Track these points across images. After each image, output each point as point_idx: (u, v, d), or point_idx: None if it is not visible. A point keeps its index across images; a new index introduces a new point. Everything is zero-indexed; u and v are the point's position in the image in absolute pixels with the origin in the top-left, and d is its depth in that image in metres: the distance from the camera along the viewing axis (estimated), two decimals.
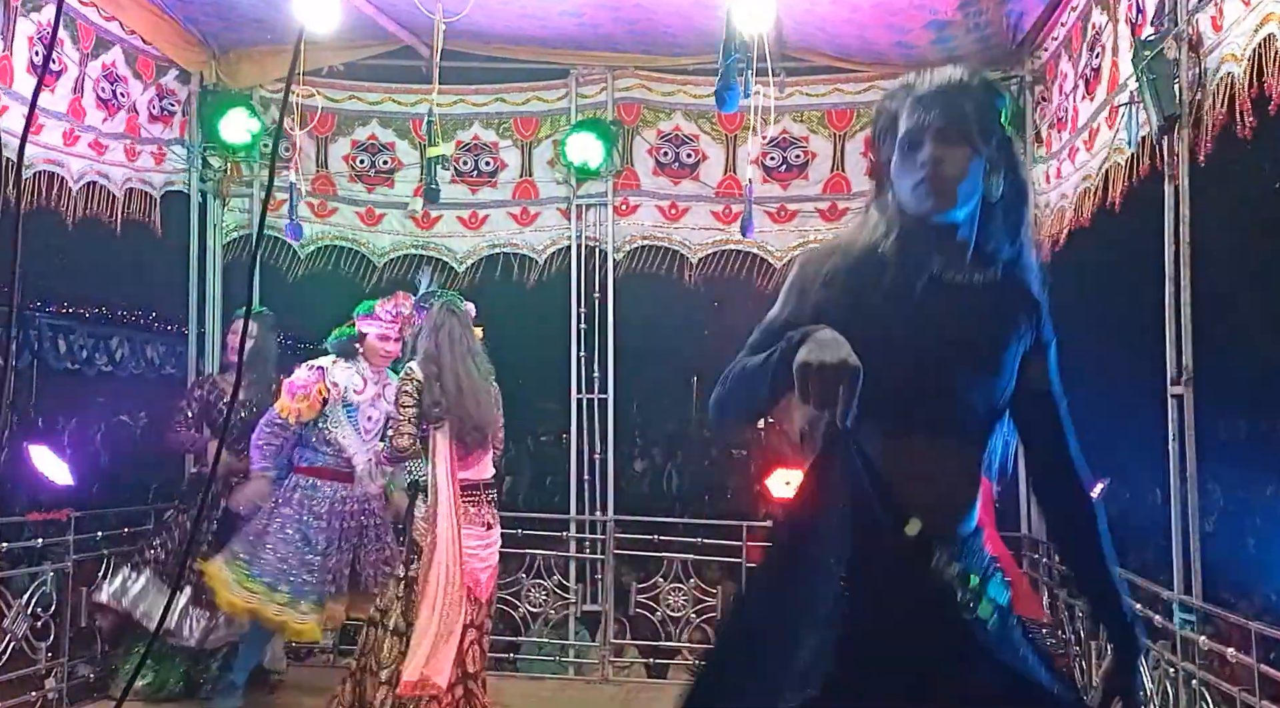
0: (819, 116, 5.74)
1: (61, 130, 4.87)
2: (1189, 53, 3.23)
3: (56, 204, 4.89)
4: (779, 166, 5.74)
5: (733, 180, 5.80)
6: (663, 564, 5.85)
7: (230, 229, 6.05)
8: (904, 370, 1.75)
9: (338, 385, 4.59)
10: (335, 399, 4.59)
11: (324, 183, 6.07)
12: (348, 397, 4.63)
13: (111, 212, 5.25)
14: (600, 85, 5.87)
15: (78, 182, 5.00)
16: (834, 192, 5.73)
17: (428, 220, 6.04)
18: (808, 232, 5.74)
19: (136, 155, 5.44)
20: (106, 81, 5.13)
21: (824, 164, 5.74)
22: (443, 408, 4.12)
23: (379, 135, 6.07)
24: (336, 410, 4.62)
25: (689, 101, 5.84)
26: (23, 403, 10.42)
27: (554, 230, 5.97)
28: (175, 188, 5.78)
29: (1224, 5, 3.03)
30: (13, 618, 4.51)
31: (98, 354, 13.05)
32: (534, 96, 6.00)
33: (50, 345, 12.28)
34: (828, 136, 5.73)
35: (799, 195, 5.77)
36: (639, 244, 5.89)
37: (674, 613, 5.78)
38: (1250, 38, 2.84)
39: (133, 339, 13.70)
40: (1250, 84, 2.85)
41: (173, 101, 5.67)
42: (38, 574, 4.75)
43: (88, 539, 4.96)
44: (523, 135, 5.99)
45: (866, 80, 5.64)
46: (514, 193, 6.02)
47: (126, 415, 13.20)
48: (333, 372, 4.61)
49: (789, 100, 5.55)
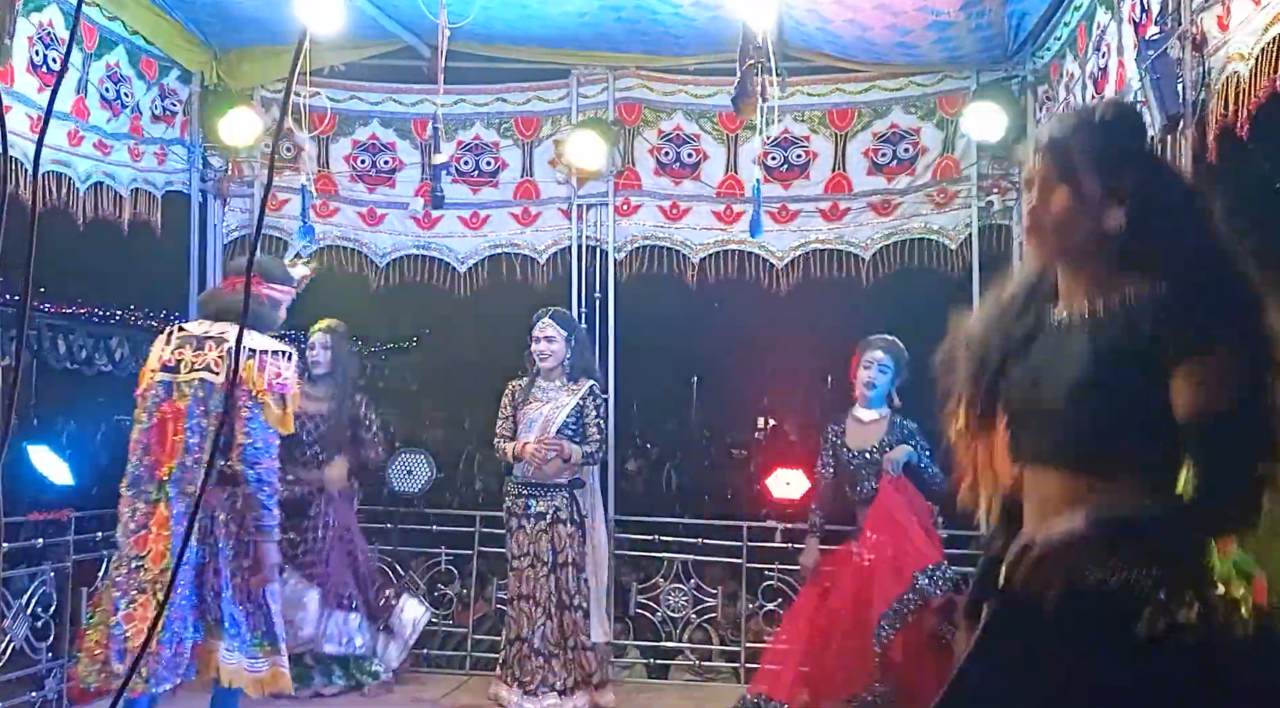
0: (820, 116, 5.73)
1: (66, 131, 4.86)
2: (1193, 52, 3.23)
3: (66, 205, 4.89)
4: (780, 166, 5.74)
5: (734, 180, 5.79)
6: (663, 564, 5.85)
7: (231, 229, 6.04)
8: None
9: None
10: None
11: (325, 183, 6.06)
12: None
13: (118, 212, 5.25)
14: (601, 85, 5.86)
15: (84, 182, 5.00)
16: (835, 191, 5.73)
17: (429, 221, 6.04)
18: (809, 232, 5.74)
19: (140, 156, 5.44)
20: (110, 82, 5.13)
21: (825, 164, 5.73)
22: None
23: (380, 135, 6.06)
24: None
25: (690, 101, 5.83)
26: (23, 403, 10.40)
27: (555, 230, 5.97)
28: (176, 188, 5.78)
29: (1231, 4, 3.03)
30: (13, 618, 4.51)
31: (98, 354, 13.04)
32: (535, 96, 5.99)
33: (50, 345, 12.27)
34: (829, 136, 5.72)
35: (800, 195, 5.76)
36: (640, 244, 5.89)
37: (674, 613, 5.77)
38: (1259, 37, 2.84)
39: (133, 339, 13.68)
40: (1256, 83, 2.84)
41: (174, 101, 5.66)
42: (38, 574, 4.75)
43: (88, 539, 4.96)
44: (524, 135, 5.99)
45: (868, 80, 5.65)
46: (515, 193, 6.01)
47: (127, 416, 13.19)
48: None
49: (790, 100, 5.54)
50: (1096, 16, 4.24)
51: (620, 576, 5.85)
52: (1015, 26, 5.10)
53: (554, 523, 4.93)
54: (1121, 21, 3.94)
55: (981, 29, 5.03)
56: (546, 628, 4.86)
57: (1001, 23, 5.01)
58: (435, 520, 6.19)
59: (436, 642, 6.00)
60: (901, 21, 4.95)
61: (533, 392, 5.04)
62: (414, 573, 5.97)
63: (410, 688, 5.35)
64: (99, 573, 4.96)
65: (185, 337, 3.88)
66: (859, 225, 5.70)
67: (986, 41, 5.19)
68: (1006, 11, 4.92)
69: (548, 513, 4.92)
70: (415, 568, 6.02)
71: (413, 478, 6.22)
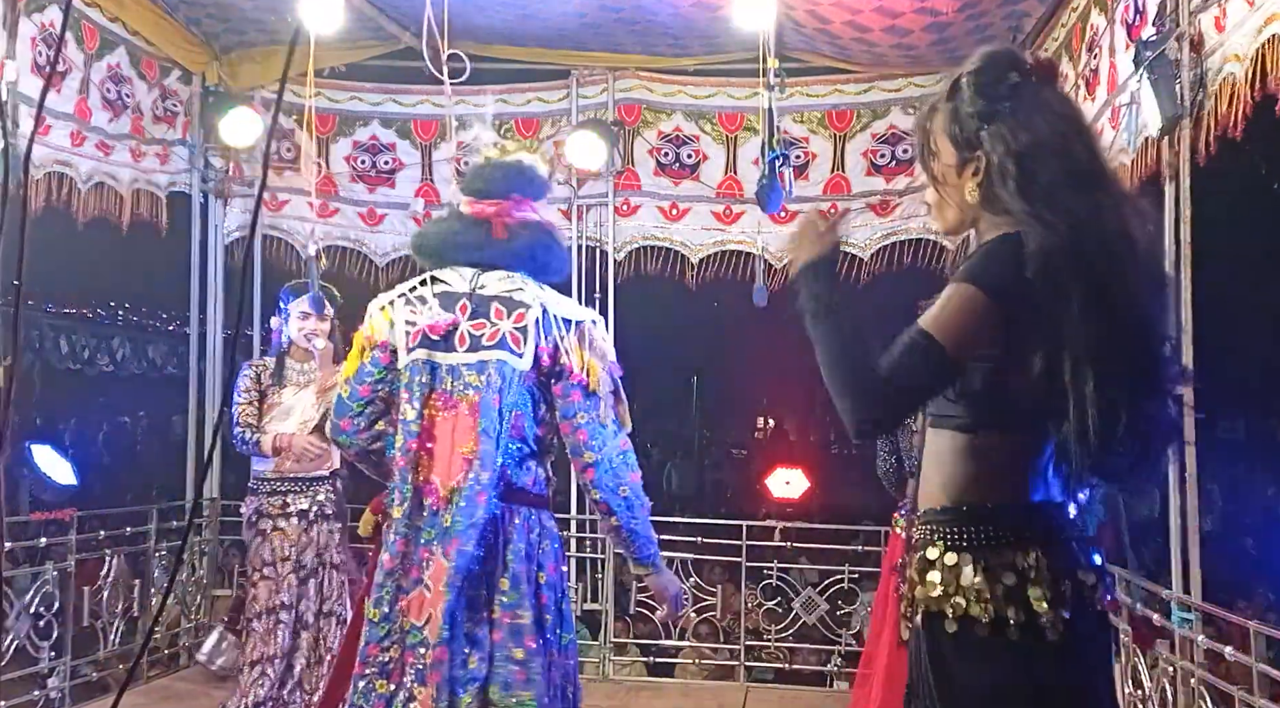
0: (819, 117, 5.75)
1: (69, 131, 4.88)
2: (1190, 53, 3.24)
3: (67, 205, 4.90)
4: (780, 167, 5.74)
5: (733, 181, 5.81)
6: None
7: (232, 230, 6.06)
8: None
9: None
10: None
11: (325, 183, 6.07)
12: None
13: (120, 212, 5.27)
14: (601, 86, 5.88)
15: (86, 182, 5.02)
16: (834, 192, 5.74)
17: None
18: None
19: (142, 156, 5.45)
20: (112, 82, 5.14)
21: (824, 165, 5.75)
22: None
23: (380, 136, 6.08)
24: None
25: (690, 102, 5.85)
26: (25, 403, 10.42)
27: None
28: (178, 188, 5.79)
29: (1227, 5, 3.04)
30: (15, 617, 4.52)
31: (99, 354, 13.07)
32: (535, 97, 6.01)
33: (52, 345, 12.30)
34: (828, 137, 5.74)
35: (799, 196, 5.76)
36: (640, 244, 5.90)
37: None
38: (1254, 38, 2.85)
39: (134, 339, 13.72)
40: (1253, 84, 2.86)
41: (175, 102, 5.68)
42: (40, 574, 4.76)
43: (90, 539, 4.98)
44: (524, 136, 6.00)
45: (866, 81, 5.66)
46: None
47: (128, 416, 13.23)
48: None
49: (789, 101, 5.56)
50: (1091, 18, 4.25)
51: (620, 575, 5.86)
52: (1014, 27, 5.11)
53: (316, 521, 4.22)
54: (1114, 23, 3.96)
55: (980, 30, 5.04)
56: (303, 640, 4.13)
57: (999, 24, 5.02)
58: None
59: None
60: (900, 23, 4.97)
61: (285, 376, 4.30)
62: None
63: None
64: (101, 572, 4.99)
65: (450, 295, 2.72)
66: (858, 226, 5.72)
67: (985, 42, 5.19)
68: (1005, 12, 4.93)
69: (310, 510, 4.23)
70: None
71: None
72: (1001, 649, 1.67)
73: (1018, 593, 1.66)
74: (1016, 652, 1.66)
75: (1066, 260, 1.62)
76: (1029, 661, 1.66)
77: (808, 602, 5.68)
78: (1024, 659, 1.66)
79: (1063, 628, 1.65)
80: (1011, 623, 1.65)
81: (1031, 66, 1.77)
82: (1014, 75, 1.75)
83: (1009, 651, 1.66)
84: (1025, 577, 1.67)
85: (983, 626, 1.67)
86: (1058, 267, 1.62)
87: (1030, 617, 1.65)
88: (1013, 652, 1.66)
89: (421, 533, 2.58)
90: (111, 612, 5.01)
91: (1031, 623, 1.65)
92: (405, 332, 2.70)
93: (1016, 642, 1.66)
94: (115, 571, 5.05)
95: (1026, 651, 1.66)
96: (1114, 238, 1.67)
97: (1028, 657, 1.66)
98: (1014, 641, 1.66)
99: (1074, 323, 1.62)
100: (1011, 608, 1.65)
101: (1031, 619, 1.65)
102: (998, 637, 1.66)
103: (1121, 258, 1.67)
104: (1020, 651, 1.66)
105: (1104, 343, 1.63)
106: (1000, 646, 1.67)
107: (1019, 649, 1.66)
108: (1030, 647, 1.66)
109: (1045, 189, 1.67)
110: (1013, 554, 1.68)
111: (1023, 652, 1.66)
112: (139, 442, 13.64)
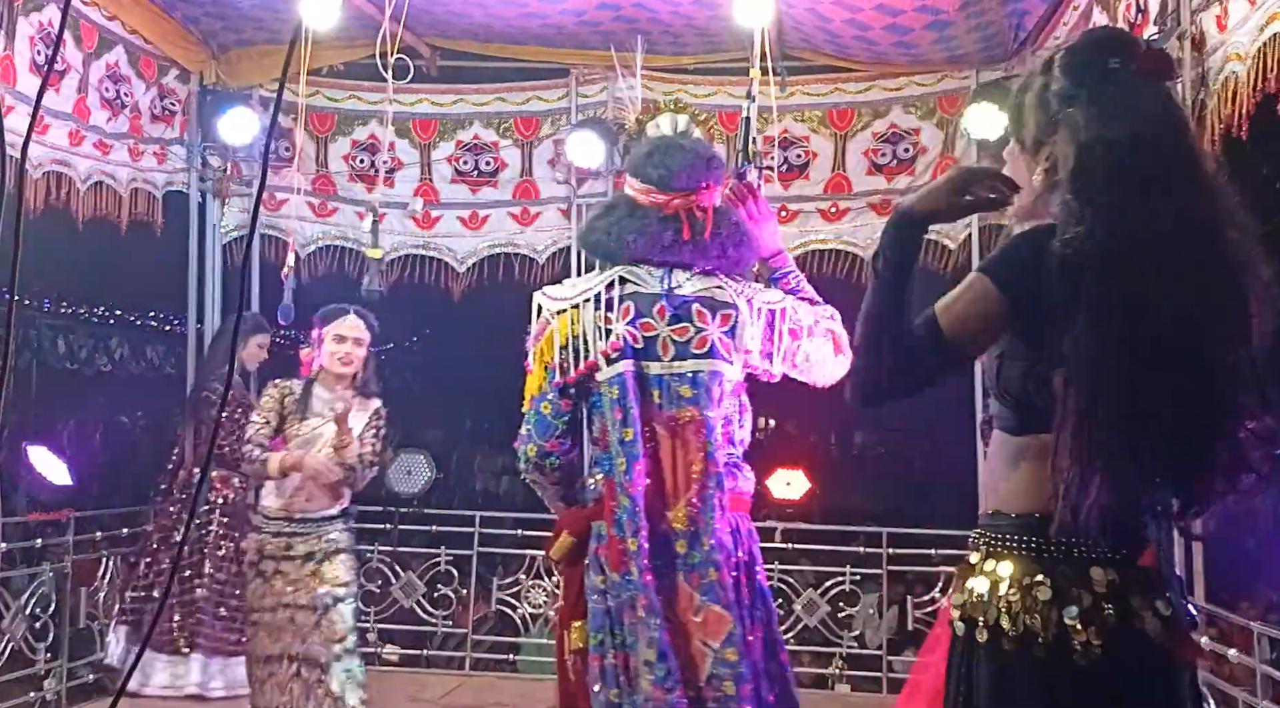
0: (820, 116, 5.73)
1: (67, 130, 4.86)
2: (1192, 52, 3.23)
3: (66, 204, 4.89)
4: (780, 166, 5.73)
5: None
6: None
7: (230, 229, 6.04)
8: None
9: None
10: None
11: (324, 182, 6.06)
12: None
13: (118, 212, 5.25)
14: (601, 85, 5.86)
15: (85, 182, 5.00)
16: (835, 191, 5.73)
17: (428, 221, 6.03)
18: (808, 232, 5.74)
19: (140, 155, 5.43)
20: (110, 81, 5.13)
21: (825, 164, 5.73)
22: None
23: (379, 135, 6.06)
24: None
25: (689, 101, 5.82)
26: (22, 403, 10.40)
27: (554, 230, 5.96)
28: (175, 188, 5.78)
29: (1229, 4, 3.03)
30: (11, 619, 4.50)
31: (97, 354, 13.05)
32: (534, 96, 5.99)
33: (50, 345, 12.28)
34: (829, 136, 5.72)
35: (800, 195, 5.76)
36: None
37: None
38: (1255, 36, 2.84)
39: (132, 339, 13.69)
40: (1254, 83, 2.84)
41: (173, 101, 5.66)
42: (37, 575, 4.75)
43: (87, 540, 4.96)
44: (523, 135, 5.99)
45: (867, 80, 5.64)
46: (514, 193, 6.00)
47: (126, 416, 13.21)
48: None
49: (790, 100, 5.54)
50: (1093, 16, 4.24)
51: None
52: (1015, 26, 5.10)
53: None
54: (1116, 22, 3.94)
55: (981, 28, 5.03)
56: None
57: (1000, 22, 5.01)
58: (435, 521, 6.18)
59: (436, 642, 5.99)
60: (901, 21, 4.96)
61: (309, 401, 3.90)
62: (413, 573, 5.96)
63: (410, 688, 5.34)
64: (98, 573, 4.97)
65: (643, 296, 2.52)
66: (859, 225, 5.70)
67: (986, 41, 5.19)
68: (1006, 11, 4.92)
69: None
70: (415, 568, 6.02)
71: (412, 478, 6.22)
72: (1025, 665, 1.58)
73: (1050, 609, 1.56)
74: (1041, 669, 1.57)
75: (1090, 265, 1.51)
76: (1052, 681, 1.56)
77: (808, 604, 5.65)
78: (1048, 679, 1.57)
79: (1098, 653, 1.54)
80: (1040, 639, 1.56)
81: (1138, 54, 1.64)
82: (1114, 61, 1.63)
83: (1033, 667, 1.57)
84: (1064, 593, 1.57)
85: (1010, 639, 1.58)
86: (1075, 269, 1.51)
87: (1062, 635, 1.55)
88: (1037, 669, 1.57)
89: (667, 564, 2.40)
90: (108, 613, 4.99)
91: (1063, 642, 1.55)
92: (601, 340, 2.46)
93: (1042, 659, 1.56)
94: (112, 572, 5.03)
95: (1052, 670, 1.56)
96: (1169, 252, 1.52)
97: (1052, 677, 1.56)
98: (1039, 658, 1.56)
99: (1079, 333, 1.51)
100: (1040, 623, 1.56)
101: (1063, 638, 1.55)
102: (1023, 651, 1.57)
103: (1173, 275, 1.51)
104: (1045, 668, 1.57)
105: (1112, 360, 1.50)
106: (1025, 661, 1.58)
107: (1044, 668, 1.56)
108: (1057, 667, 1.56)
109: (1099, 188, 1.54)
110: (1052, 568, 1.58)
111: (1049, 670, 1.56)
112: (137, 442, 13.62)
